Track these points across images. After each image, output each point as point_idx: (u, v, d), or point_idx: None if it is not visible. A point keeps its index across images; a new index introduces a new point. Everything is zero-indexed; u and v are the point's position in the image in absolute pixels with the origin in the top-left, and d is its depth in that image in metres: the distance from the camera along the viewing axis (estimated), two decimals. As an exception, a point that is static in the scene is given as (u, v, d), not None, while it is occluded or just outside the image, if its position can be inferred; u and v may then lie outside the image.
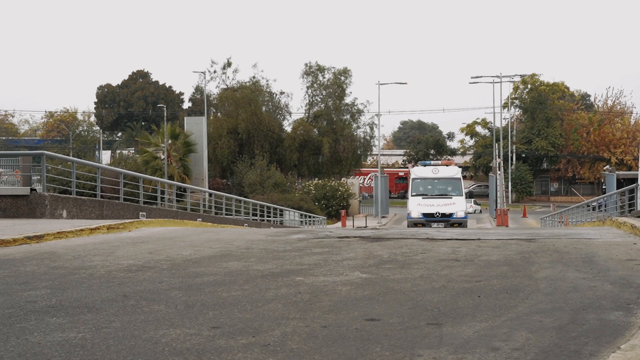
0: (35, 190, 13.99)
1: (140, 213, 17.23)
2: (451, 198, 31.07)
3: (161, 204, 23.28)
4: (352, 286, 6.10)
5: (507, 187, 74.85)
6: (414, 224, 29.42)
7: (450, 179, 32.21)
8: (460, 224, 29.73)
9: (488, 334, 4.29)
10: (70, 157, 17.25)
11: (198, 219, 20.85)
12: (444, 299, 5.46)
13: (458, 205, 30.72)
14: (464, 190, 32.59)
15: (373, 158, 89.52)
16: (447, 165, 33.53)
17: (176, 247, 9.55)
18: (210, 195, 28.68)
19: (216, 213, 26.39)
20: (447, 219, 29.93)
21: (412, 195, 32.05)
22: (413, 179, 32.74)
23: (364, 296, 5.62)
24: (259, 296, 5.66)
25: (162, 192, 25.33)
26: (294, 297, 5.58)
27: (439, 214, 30.16)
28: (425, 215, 30.19)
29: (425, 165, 33.72)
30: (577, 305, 5.10)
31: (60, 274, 6.86)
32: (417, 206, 30.81)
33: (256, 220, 30.59)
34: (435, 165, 33.25)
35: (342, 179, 64.82)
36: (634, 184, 21.36)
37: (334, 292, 5.80)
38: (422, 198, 31.17)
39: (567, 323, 4.54)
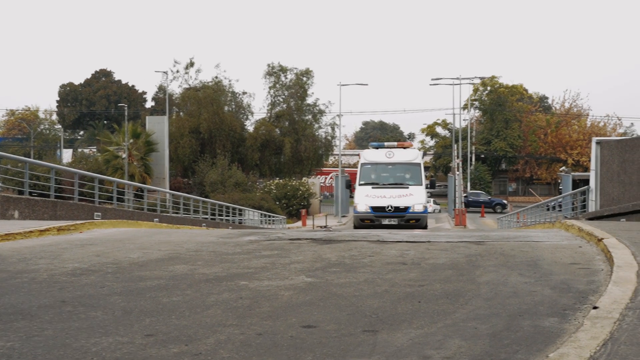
0: (-16, 190, 13.74)
1: (95, 213, 17.03)
2: (408, 188, 24.52)
3: (117, 204, 23.04)
4: (294, 291, 6.08)
5: (466, 187, 75.53)
6: (361, 220, 23.84)
7: (407, 164, 25.62)
8: (419, 220, 23.69)
9: (422, 341, 4.30)
10: (22, 157, 16.96)
11: (155, 220, 20.67)
12: (385, 304, 5.47)
13: (416, 197, 24.05)
14: (425, 180, 25.55)
15: (335, 158, 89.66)
16: (404, 148, 26.79)
17: (125, 249, 9.44)
18: (169, 195, 28.47)
19: (175, 213, 26.20)
20: (401, 214, 23.59)
21: (359, 185, 25.24)
22: (362, 165, 26.03)
23: (305, 301, 5.61)
24: (199, 302, 5.61)
25: (123, 193, 25.08)
26: (235, 303, 5.54)
27: (391, 207, 23.56)
28: (374, 209, 23.74)
29: (377, 148, 26.72)
30: (515, 311, 5.14)
31: (1, 278, 6.74)
32: (365, 198, 24.20)
33: (215, 220, 30.42)
34: (390, 148, 26.51)
35: (304, 178, 64.82)
36: (586, 186, 21.67)
37: (275, 297, 5.78)
38: (372, 188, 24.66)
39: (502, 330, 4.57)
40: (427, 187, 25.41)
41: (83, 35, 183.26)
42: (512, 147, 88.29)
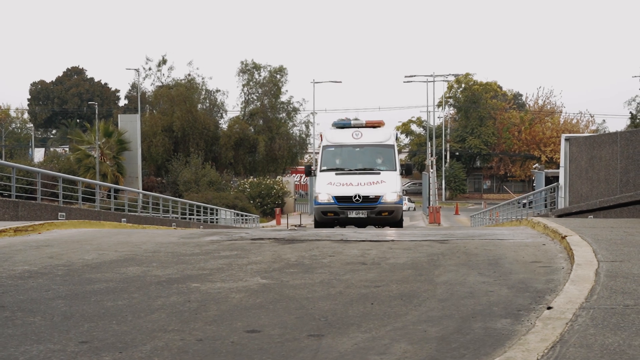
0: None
1: (60, 214, 16.71)
2: (379, 174, 20.35)
3: (86, 204, 22.70)
4: (246, 293, 5.90)
5: (441, 184, 75.77)
6: (323, 213, 19.74)
7: (378, 146, 21.44)
8: (392, 211, 19.75)
9: (367, 346, 4.14)
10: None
11: (123, 220, 20.38)
12: (336, 306, 5.30)
13: (389, 185, 19.97)
14: (399, 164, 21.29)
15: (310, 156, 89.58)
16: (374, 127, 22.22)
17: (81, 250, 9.20)
18: (140, 194, 28.16)
19: (145, 213, 25.89)
20: (371, 205, 19.56)
21: (321, 171, 20.96)
22: (324, 147, 21.65)
23: (255, 304, 5.43)
24: (145, 305, 5.41)
25: (94, 193, 24.73)
26: (182, 307, 5.35)
27: (359, 197, 19.44)
28: (339, 199, 19.57)
29: (342, 127, 22.28)
30: (468, 313, 5.00)
31: (-56, 283, 6.49)
32: (327, 186, 19.98)
33: (185, 219, 30.14)
34: (357, 127, 22.02)
35: (278, 177, 64.61)
36: (555, 183, 21.71)
37: (225, 300, 5.60)
38: (337, 174, 20.38)
39: (452, 332, 4.43)
40: (402, 174, 21.14)
41: (54, 32, 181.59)
42: (486, 145, 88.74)
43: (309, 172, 22.57)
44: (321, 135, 23.34)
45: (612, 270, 6.13)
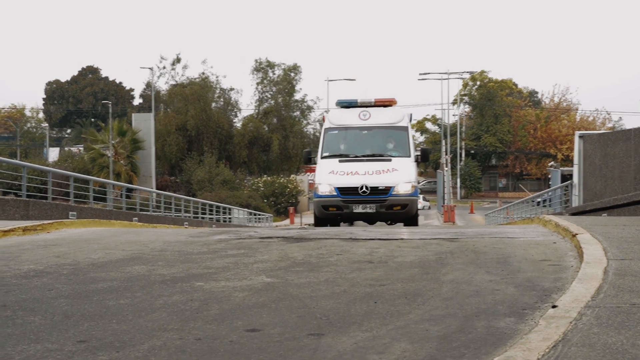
0: (-49, 190, 13.46)
1: (70, 213, 16.75)
2: (390, 161, 17.46)
3: (99, 203, 22.78)
4: (250, 292, 5.85)
5: (456, 183, 75.51)
6: (324, 207, 16.99)
7: (390, 128, 18.51)
8: (405, 205, 16.81)
9: (367, 345, 4.08)
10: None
11: (134, 219, 20.41)
12: (339, 305, 5.25)
13: (401, 174, 17.06)
14: (414, 150, 18.36)
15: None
16: (384, 106, 19.05)
17: (88, 249, 9.19)
18: (152, 194, 28.22)
19: (157, 212, 25.94)
20: (381, 198, 16.73)
21: (322, 158, 18.08)
22: (326, 130, 18.74)
23: (257, 303, 5.38)
24: (147, 304, 5.38)
25: (105, 192, 24.82)
26: (183, 305, 5.31)
27: (366, 188, 16.63)
28: (342, 191, 16.81)
29: (348, 107, 19.15)
30: (472, 311, 4.93)
31: (-52, 282, 6.49)
32: (328, 176, 17.12)
33: (198, 219, 30.16)
34: (365, 107, 18.90)
35: (292, 175, 64.60)
36: (569, 181, 21.56)
37: (227, 299, 5.55)
38: (340, 161, 17.56)
39: (454, 331, 4.36)
40: (417, 161, 18.12)
41: (69, 32, 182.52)
42: (501, 143, 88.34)
43: (308, 159, 18.67)
44: (324, 117, 19.96)
45: (621, 269, 6.04)
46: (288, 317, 4.89)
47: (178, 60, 70.73)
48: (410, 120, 19.38)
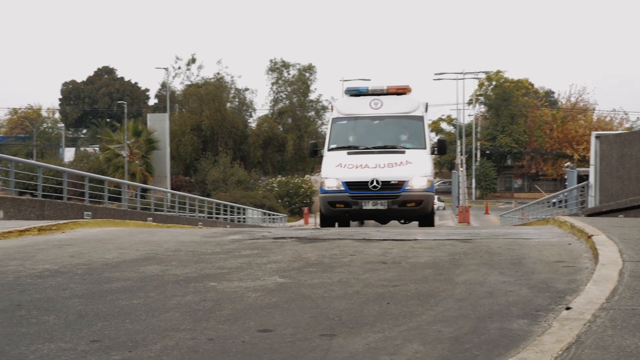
0: (-32, 190, 13.58)
1: (86, 213, 16.84)
2: (403, 153, 16.07)
3: (114, 203, 22.88)
4: (262, 292, 5.86)
5: (471, 183, 75.26)
6: (330, 204, 15.65)
7: (403, 117, 17.17)
8: (420, 201, 15.49)
9: (379, 346, 4.08)
10: (8, 156, 16.83)
11: (149, 219, 20.50)
12: (352, 306, 5.24)
13: (416, 167, 15.73)
14: (429, 141, 17.04)
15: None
16: (398, 94, 17.57)
17: (103, 249, 9.24)
18: (167, 194, 28.33)
19: (171, 212, 26.03)
20: (394, 194, 15.38)
21: (329, 150, 16.71)
22: (334, 121, 17.38)
23: (270, 303, 5.39)
24: (160, 304, 5.39)
25: (120, 192, 24.93)
26: (196, 305, 5.33)
27: (377, 182, 15.32)
28: (351, 185, 15.49)
29: (357, 95, 17.67)
30: (485, 313, 4.91)
31: (-36, 281, 6.54)
32: (336, 169, 15.81)
33: (212, 219, 30.24)
34: (377, 95, 17.42)
35: (306, 176, 64.65)
36: (585, 182, 21.44)
37: (240, 299, 5.56)
38: (349, 154, 16.21)
39: (466, 333, 4.34)
40: (433, 153, 16.80)
41: (85, 33, 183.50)
42: (517, 143, 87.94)
43: (314, 152, 17.21)
44: (332, 107, 18.47)
45: (636, 271, 5.99)
46: (300, 317, 4.89)
47: (193, 60, 71.09)
48: (427, 110, 17.84)
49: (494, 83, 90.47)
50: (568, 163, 69.77)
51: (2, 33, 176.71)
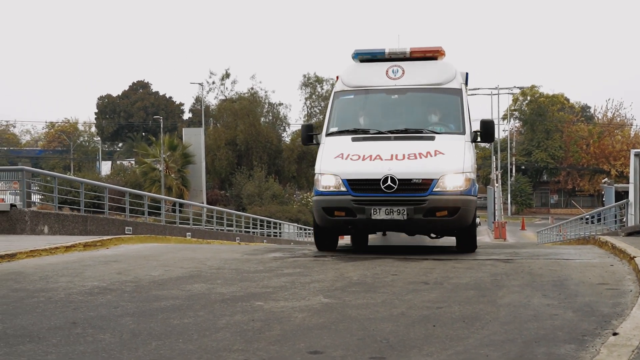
0: (15, 206, 13.90)
1: (126, 228, 17.12)
2: (432, 140, 11.17)
3: (152, 217, 23.18)
4: (309, 312, 5.96)
5: (506, 199, 74.70)
6: (327, 212, 10.79)
7: (433, 90, 12.24)
8: (456, 210, 10.53)
9: (429, 370, 4.15)
10: (52, 172, 17.24)
11: (188, 234, 20.74)
12: (398, 328, 5.32)
13: (450, 159, 10.81)
14: (470, 125, 11.77)
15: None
16: (425, 59, 12.41)
17: (147, 266, 9.42)
18: (204, 208, 28.60)
19: (209, 227, 26.28)
20: (417, 197, 10.47)
21: (327, 135, 11.78)
22: (336, 95, 12.47)
23: (317, 324, 5.49)
24: (210, 324, 5.52)
25: (158, 207, 25.22)
26: (246, 325, 5.44)
27: (392, 180, 10.40)
28: (354, 185, 10.63)
29: (370, 60, 12.62)
30: (531, 337, 4.96)
31: (19, 297, 6.74)
32: (334, 162, 10.98)
33: (249, 233, 30.45)
34: (396, 60, 12.32)
35: (341, 190, 64.63)
36: (625, 200, 21.24)
37: (288, 320, 5.67)
38: (354, 139, 11.38)
39: (514, 357, 4.40)
40: (475, 140, 11.73)
41: (120, 47, 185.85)
42: (553, 158, 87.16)
43: (308, 137, 12.14)
44: (337, 78, 13.10)
45: (681, 295, 5.99)
46: (349, 339, 4.98)
47: (227, 75, 71.81)
48: (466, 83, 12.77)
49: (528, 98, 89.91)
50: (605, 179, 68.88)
51: (40, 48, 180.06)
